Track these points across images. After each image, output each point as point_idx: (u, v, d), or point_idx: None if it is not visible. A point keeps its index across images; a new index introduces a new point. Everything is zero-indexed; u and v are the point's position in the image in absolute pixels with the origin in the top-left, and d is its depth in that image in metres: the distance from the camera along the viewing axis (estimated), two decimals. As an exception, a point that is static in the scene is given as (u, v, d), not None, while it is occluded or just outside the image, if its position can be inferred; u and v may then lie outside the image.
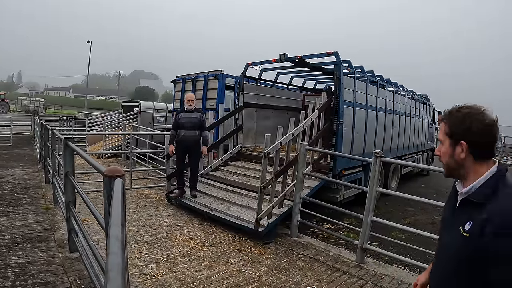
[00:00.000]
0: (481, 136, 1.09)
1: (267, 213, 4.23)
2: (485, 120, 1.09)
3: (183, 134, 5.21)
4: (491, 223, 0.99)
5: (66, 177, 3.24)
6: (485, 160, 1.11)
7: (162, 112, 12.35)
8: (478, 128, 1.08)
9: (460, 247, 1.08)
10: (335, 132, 5.35)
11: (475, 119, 1.09)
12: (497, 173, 1.08)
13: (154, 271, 3.19)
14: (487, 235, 0.98)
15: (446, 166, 1.20)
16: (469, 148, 1.10)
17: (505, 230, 0.96)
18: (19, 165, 8.04)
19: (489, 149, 1.11)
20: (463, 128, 1.10)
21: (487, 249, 0.98)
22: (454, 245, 1.11)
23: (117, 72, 67.44)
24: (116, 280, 0.79)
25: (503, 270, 0.96)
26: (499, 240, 0.96)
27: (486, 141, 1.10)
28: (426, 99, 10.84)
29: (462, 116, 1.11)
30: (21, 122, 17.38)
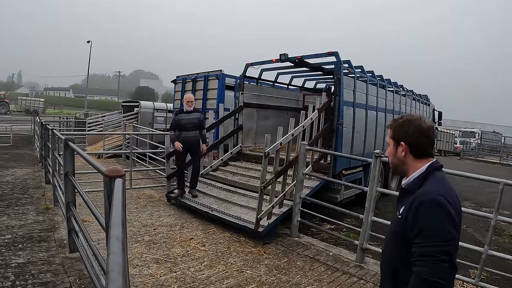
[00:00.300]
0: (416, 138, 1.35)
1: (267, 213, 4.23)
2: (421, 125, 1.34)
3: (184, 135, 5.21)
4: (413, 204, 1.26)
5: (66, 177, 3.24)
6: (422, 158, 1.36)
7: (162, 112, 12.34)
8: (414, 132, 1.35)
9: (395, 226, 1.38)
10: (335, 132, 5.35)
11: (412, 124, 1.35)
12: (428, 168, 1.34)
13: (154, 271, 3.20)
14: (410, 213, 1.26)
15: (391, 164, 1.46)
16: (408, 148, 1.36)
17: (419, 207, 1.24)
18: (19, 165, 8.03)
19: (425, 149, 1.36)
20: (403, 131, 1.37)
21: (407, 223, 1.26)
22: (393, 226, 1.43)
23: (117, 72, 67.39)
24: (117, 280, 0.79)
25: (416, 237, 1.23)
26: (415, 214, 1.24)
27: (421, 142, 1.35)
28: (426, 99, 10.83)
29: (402, 122, 1.39)
30: (21, 122, 17.38)
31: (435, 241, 1.19)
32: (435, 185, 1.28)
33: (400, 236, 1.33)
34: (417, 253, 1.22)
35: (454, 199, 1.27)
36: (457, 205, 1.27)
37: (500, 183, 2.87)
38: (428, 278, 1.17)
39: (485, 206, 7.26)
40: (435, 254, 1.18)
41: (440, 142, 21.57)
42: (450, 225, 1.21)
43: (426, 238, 1.21)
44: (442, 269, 1.18)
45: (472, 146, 24.94)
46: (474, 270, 3.41)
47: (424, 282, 1.18)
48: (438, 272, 1.18)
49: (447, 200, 1.23)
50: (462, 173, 3.24)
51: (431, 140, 1.37)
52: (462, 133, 27.29)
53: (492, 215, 2.93)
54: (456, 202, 1.27)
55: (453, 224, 1.22)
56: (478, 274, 3.03)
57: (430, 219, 1.22)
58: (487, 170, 13.93)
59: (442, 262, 1.18)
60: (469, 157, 21.51)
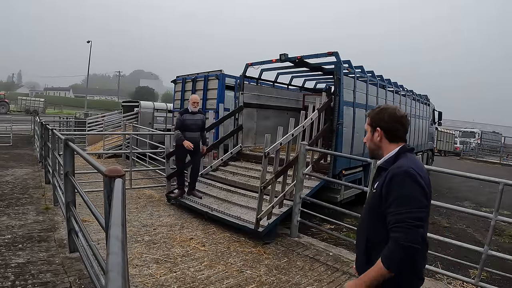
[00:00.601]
0: (391, 124, 1.50)
1: (267, 213, 4.22)
2: (396, 113, 1.51)
3: (188, 136, 5.20)
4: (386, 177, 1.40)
5: (66, 177, 3.24)
6: (396, 142, 1.52)
7: (162, 112, 12.34)
8: (388, 118, 1.51)
9: (370, 199, 1.54)
10: (335, 132, 5.35)
11: (387, 112, 1.52)
12: (400, 149, 1.49)
13: (154, 271, 3.19)
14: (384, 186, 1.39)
15: (369, 148, 1.62)
16: (383, 133, 1.52)
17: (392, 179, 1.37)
18: (19, 165, 8.03)
19: (398, 134, 1.51)
20: (378, 118, 1.53)
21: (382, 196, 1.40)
22: (369, 199, 1.58)
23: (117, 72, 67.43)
24: (117, 280, 0.79)
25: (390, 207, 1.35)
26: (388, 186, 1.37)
27: (396, 128, 1.50)
28: (426, 99, 10.84)
29: (379, 110, 1.56)
30: (21, 122, 17.39)
31: (408, 208, 1.30)
32: (406, 161, 1.42)
33: (374, 209, 1.47)
34: (392, 221, 1.32)
35: (424, 173, 1.39)
36: (427, 178, 1.39)
37: (500, 183, 2.87)
38: (404, 243, 1.26)
39: (485, 206, 7.26)
40: (409, 220, 1.28)
41: (440, 142, 21.56)
42: (421, 194, 1.33)
43: (399, 206, 1.31)
44: (417, 234, 1.28)
45: (472, 146, 24.93)
46: (474, 270, 3.41)
47: (400, 247, 1.27)
48: (413, 237, 1.27)
49: (417, 172, 1.35)
50: (462, 173, 3.24)
51: (404, 126, 1.52)
52: (462, 133, 27.28)
53: (492, 215, 2.93)
54: (425, 176, 1.39)
55: (424, 194, 1.34)
56: (478, 274, 3.03)
57: (402, 189, 1.33)
58: (487, 170, 13.93)
59: (416, 228, 1.28)
60: (469, 157, 21.52)
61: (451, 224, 5.84)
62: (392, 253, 1.30)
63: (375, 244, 1.44)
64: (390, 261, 1.30)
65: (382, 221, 1.38)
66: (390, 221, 1.33)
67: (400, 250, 1.27)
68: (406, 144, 1.52)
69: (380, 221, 1.40)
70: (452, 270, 3.56)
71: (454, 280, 3.37)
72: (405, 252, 1.27)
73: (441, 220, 6.05)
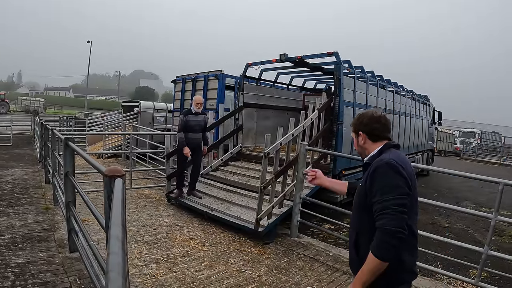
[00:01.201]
0: (370, 125, 1.60)
1: (267, 213, 4.23)
2: (373, 115, 1.61)
3: (191, 136, 5.21)
4: (370, 170, 1.48)
5: (66, 177, 3.24)
6: (379, 141, 1.60)
7: (162, 112, 12.34)
8: (367, 120, 1.61)
9: (358, 193, 1.60)
10: (335, 132, 5.35)
11: (365, 116, 1.64)
12: (384, 145, 1.58)
13: (154, 271, 3.19)
14: (368, 179, 1.47)
15: (358, 153, 1.72)
16: (366, 136, 1.62)
17: (375, 171, 1.44)
18: (19, 165, 8.03)
19: (379, 133, 1.60)
20: (359, 123, 1.65)
21: (367, 188, 1.47)
22: (356, 194, 1.63)
23: (117, 72, 67.46)
24: (117, 280, 0.79)
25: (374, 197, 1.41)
26: (372, 177, 1.45)
27: (375, 128, 1.59)
28: (426, 99, 10.84)
29: (358, 117, 1.68)
30: (21, 122, 17.38)
31: (391, 196, 1.36)
32: (388, 154, 1.49)
33: (361, 204, 1.54)
34: (378, 210, 1.38)
35: (406, 165, 1.46)
36: (409, 170, 1.45)
37: (500, 183, 2.87)
38: (390, 228, 1.33)
39: (485, 206, 7.26)
40: (393, 206, 1.35)
41: (440, 142, 21.56)
42: (402, 182, 1.40)
43: (383, 195, 1.38)
44: (401, 219, 1.34)
45: (472, 146, 24.93)
46: (474, 270, 3.41)
47: (386, 233, 1.33)
48: (398, 223, 1.33)
49: (399, 164, 1.42)
50: (462, 173, 3.24)
51: (384, 125, 1.60)
52: (462, 133, 27.29)
53: (492, 215, 2.93)
54: (408, 167, 1.45)
55: (405, 182, 1.40)
56: (478, 274, 3.03)
57: (384, 178, 1.41)
58: (487, 170, 13.93)
59: (400, 213, 1.35)
60: (469, 157, 21.52)
61: (451, 224, 5.84)
62: (379, 241, 1.35)
63: (363, 237, 1.49)
64: (379, 250, 1.34)
65: (368, 212, 1.44)
66: (375, 210, 1.39)
67: (387, 235, 1.33)
68: (391, 141, 1.60)
69: (366, 213, 1.47)
70: (452, 270, 3.56)
71: (454, 280, 3.37)
72: (392, 237, 1.32)
73: (441, 220, 6.05)
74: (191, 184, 5.43)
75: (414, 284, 3.16)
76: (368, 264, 1.39)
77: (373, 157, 1.56)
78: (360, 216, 1.55)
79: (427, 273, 3.49)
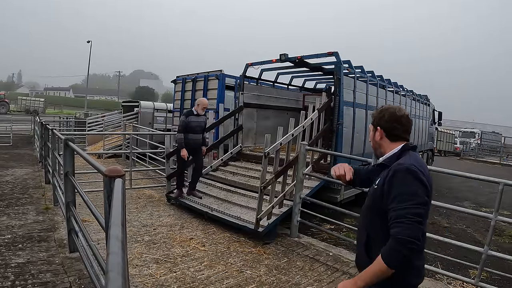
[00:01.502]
0: (390, 123, 1.52)
1: (267, 213, 4.22)
2: (396, 112, 1.52)
3: (192, 137, 5.23)
4: (388, 174, 1.41)
5: (66, 177, 3.24)
6: (397, 141, 1.53)
7: (162, 112, 12.34)
8: (388, 117, 1.53)
9: (371, 195, 1.54)
10: (335, 132, 5.35)
11: (388, 112, 1.55)
12: (403, 147, 1.50)
13: (154, 271, 3.19)
14: (385, 183, 1.41)
15: (372, 147, 1.65)
16: (384, 132, 1.55)
17: (394, 175, 1.38)
18: (19, 165, 8.03)
19: (399, 133, 1.53)
20: (379, 117, 1.56)
21: (384, 192, 1.41)
22: (370, 195, 1.58)
23: (117, 72, 67.46)
24: (117, 281, 0.79)
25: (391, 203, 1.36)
26: (390, 182, 1.38)
27: (395, 127, 1.52)
28: (426, 99, 10.84)
29: (380, 110, 1.59)
30: (21, 122, 17.37)
31: (408, 204, 1.31)
32: (409, 159, 1.43)
33: (374, 205, 1.48)
34: (393, 217, 1.33)
35: (426, 171, 1.40)
36: (428, 175, 1.40)
37: (500, 183, 2.87)
38: (404, 238, 1.27)
39: (485, 206, 7.26)
40: (409, 215, 1.29)
41: (440, 142, 21.56)
42: (422, 190, 1.34)
43: (400, 202, 1.32)
44: (417, 229, 1.29)
45: (472, 146, 24.93)
46: (474, 270, 3.41)
47: (400, 242, 1.28)
48: (413, 233, 1.28)
49: (419, 169, 1.37)
50: (462, 173, 3.24)
51: (404, 126, 1.53)
52: (462, 133, 27.30)
53: (492, 215, 2.93)
54: (427, 174, 1.39)
55: (425, 190, 1.35)
56: (478, 274, 3.03)
57: (403, 185, 1.35)
58: (487, 170, 13.93)
59: (416, 223, 1.29)
60: (469, 157, 21.52)
61: (451, 224, 5.84)
62: (391, 249, 1.30)
63: (375, 240, 1.46)
64: (389, 256, 1.30)
65: (383, 217, 1.40)
66: (391, 217, 1.34)
67: (400, 245, 1.28)
68: (409, 143, 1.53)
69: (380, 217, 1.42)
70: (452, 270, 3.56)
71: (454, 280, 3.37)
72: (404, 247, 1.28)
73: (441, 220, 6.05)
74: (191, 184, 5.43)
75: (414, 284, 3.16)
76: (375, 266, 1.35)
77: (391, 159, 1.50)
78: (372, 219, 1.51)
79: (427, 273, 3.48)
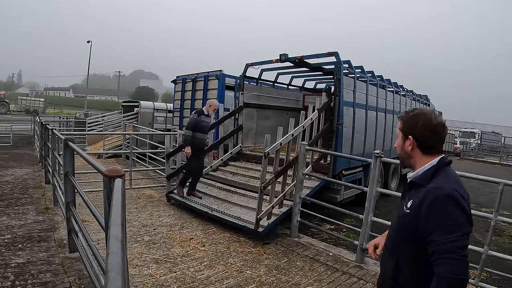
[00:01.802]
0: (425, 133, 1.31)
1: (267, 213, 4.22)
2: (431, 120, 1.30)
3: (199, 136, 5.25)
4: (425, 199, 1.22)
5: (66, 177, 3.24)
6: (430, 153, 1.32)
7: (162, 112, 12.35)
8: (422, 126, 1.31)
9: (402, 218, 1.34)
10: (335, 132, 5.35)
11: (422, 119, 1.31)
12: (438, 163, 1.30)
13: (154, 271, 3.19)
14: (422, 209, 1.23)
15: (400, 156, 1.44)
16: (415, 143, 1.33)
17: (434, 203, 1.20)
18: (19, 165, 8.03)
19: (433, 145, 1.32)
20: (411, 124, 1.34)
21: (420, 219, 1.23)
22: (400, 219, 1.37)
23: (117, 72, 67.48)
24: (116, 280, 0.79)
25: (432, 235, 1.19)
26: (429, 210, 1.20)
27: (429, 137, 1.31)
28: (426, 99, 10.83)
29: (412, 115, 1.35)
30: (21, 122, 17.36)
31: (453, 237, 1.15)
32: (447, 180, 1.24)
33: (406, 231, 1.31)
34: (437, 252, 1.16)
35: (466, 193, 1.24)
36: (468, 198, 1.24)
37: (500, 184, 2.87)
38: (453, 276, 1.13)
39: (485, 206, 7.26)
40: (457, 250, 1.14)
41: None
42: (464, 218, 1.19)
43: (445, 235, 1.16)
44: (465, 264, 1.15)
45: (472, 146, 24.93)
46: (474, 270, 3.40)
47: (449, 282, 1.13)
48: (461, 269, 1.14)
49: (460, 195, 1.20)
50: (462, 173, 3.22)
51: (440, 136, 1.33)
52: (462, 133, 27.29)
53: (492, 215, 2.93)
54: (467, 196, 1.24)
55: (468, 219, 1.21)
56: (478, 274, 3.03)
57: (445, 215, 1.18)
58: (487, 170, 13.94)
59: (464, 258, 1.15)
60: (469, 158, 21.52)
61: (451, 224, 5.83)
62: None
63: (405, 267, 1.33)
64: None
65: (414, 243, 1.27)
66: (433, 252, 1.18)
67: (449, 285, 1.13)
68: (444, 156, 1.32)
69: (411, 244, 1.29)
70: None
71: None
72: (455, 286, 1.14)
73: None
74: (191, 184, 5.43)
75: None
76: None
77: (424, 178, 1.30)
78: (402, 244, 1.35)
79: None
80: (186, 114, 8.74)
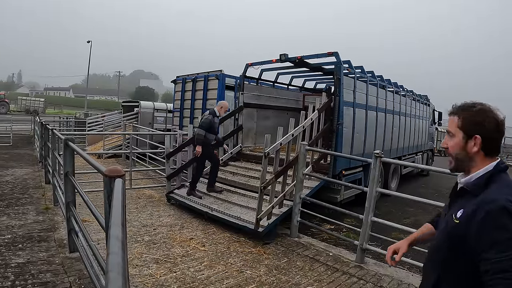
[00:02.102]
0: (493, 132, 1.16)
1: (267, 213, 4.22)
2: (498, 118, 1.16)
3: (209, 137, 5.30)
4: (478, 211, 1.09)
5: (66, 177, 3.24)
6: (492, 155, 1.19)
7: (162, 112, 12.36)
8: (491, 125, 1.15)
9: (449, 230, 1.20)
10: (335, 132, 5.35)
11: (489, 116, 1.16)
12: (494, 168, 1.16)
13: (154, 271, 3.19)
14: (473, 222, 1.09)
15: (456, 158, 1.25)
16: (482, 143, 1.16)
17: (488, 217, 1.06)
18: (19, 165, 8.03)
19: (497, 145, 1.19)
20: (477, 122, 1.17)
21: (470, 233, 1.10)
22: (445, 229, 1.23)
23: (117, 72, 67.48)
24: (117, 281, 0.79)
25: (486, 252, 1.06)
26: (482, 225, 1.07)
27: (496, 137, 1.18)
28: (426, 100, 10.84)
29: (477, 112, 1.18)
30: (21, 122, 17.37)
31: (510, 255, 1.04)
32: (502, 190, 1.11)
33: (451, 244, 1.19)
34: (492, 271, 1.05)
35: None
36: None
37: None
38: None
39: None
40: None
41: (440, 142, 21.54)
42: None
43: (501, 252, 1.05)
44: None
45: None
46: None
47: None
48: None
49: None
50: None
51: (502, 135, 1.20)
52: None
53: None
54: None
55: None
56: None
57: (502, 231, 1.06)
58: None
59: None
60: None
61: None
62: None
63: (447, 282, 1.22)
64: None
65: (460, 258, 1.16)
66: (487, 271, 1.07)
67: None
68: (501, 161, 1.19)
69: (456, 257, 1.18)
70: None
71: None
72: None
73: (441, 220, 6.04)
74: (191, 184, 5.43)
75: (413, 283, 3.17)
76: None
77: (477, 185, 1.16)
78: (445, 258, 1.22)
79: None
80: (186, 114, 8.75)
